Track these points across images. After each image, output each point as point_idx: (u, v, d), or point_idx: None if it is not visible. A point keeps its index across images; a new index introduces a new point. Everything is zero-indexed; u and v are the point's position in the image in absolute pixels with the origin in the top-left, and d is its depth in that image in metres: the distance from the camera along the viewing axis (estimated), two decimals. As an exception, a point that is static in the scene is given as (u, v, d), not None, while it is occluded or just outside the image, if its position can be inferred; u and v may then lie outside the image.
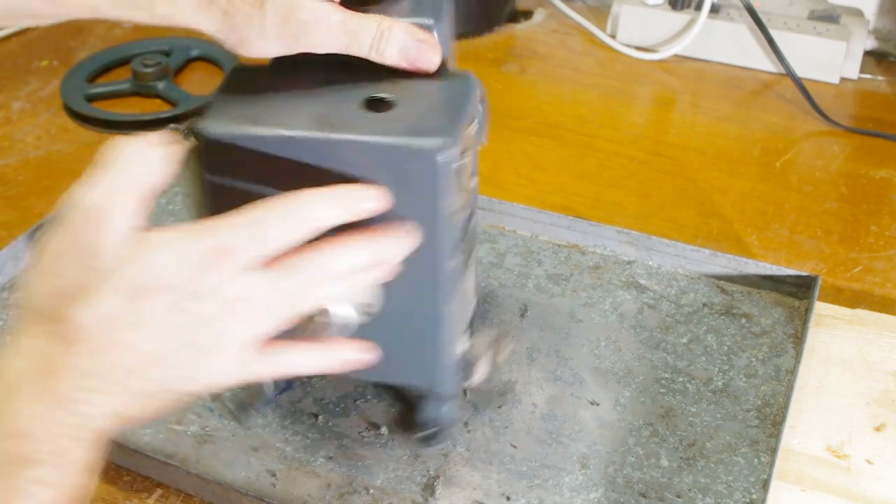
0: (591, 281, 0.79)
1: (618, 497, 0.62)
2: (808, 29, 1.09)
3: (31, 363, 0.44)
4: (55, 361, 0.44)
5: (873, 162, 0.96)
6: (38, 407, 0.43)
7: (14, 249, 0.80)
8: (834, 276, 0.81)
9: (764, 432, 0.66)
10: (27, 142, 0.99)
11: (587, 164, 0.97)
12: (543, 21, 1.24)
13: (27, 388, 0.43)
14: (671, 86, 1.11)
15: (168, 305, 0.44)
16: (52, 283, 0.45)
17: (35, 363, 0.44)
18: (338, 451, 0.65)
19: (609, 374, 0.71)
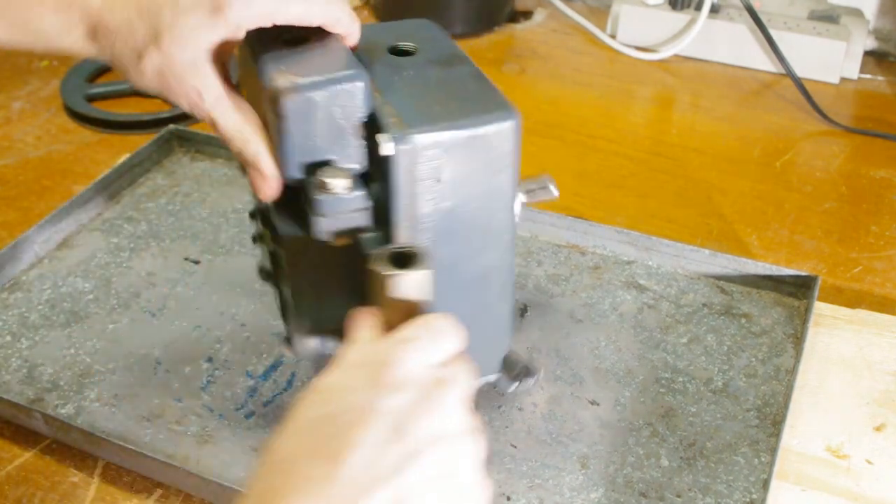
0: (591, 281, 0.79)
1: (618, 497, 0.62)
2: (808, 29, 1.09)
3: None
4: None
5: (873, 162, 0.96)
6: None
7: (14, 249, 0.80)
8: (834, 276, 0.81)
9: (764, 432, 0.66)
10: (27, 142, 0.99)
11: (587, 164, 0.97)
12: (543, 21, 1.25)
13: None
14: (671, 86, 1.11)
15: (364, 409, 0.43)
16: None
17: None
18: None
19: (609, 374, 0.71)
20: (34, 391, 0.69)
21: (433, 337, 0.46)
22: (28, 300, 0.77)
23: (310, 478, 0.41)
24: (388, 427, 0.42)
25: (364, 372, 0.45)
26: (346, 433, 0.42)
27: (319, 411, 0.44)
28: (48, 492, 0.63)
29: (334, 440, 0.42)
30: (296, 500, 0.40)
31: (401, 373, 0.44)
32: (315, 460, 0.41)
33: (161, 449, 0.65)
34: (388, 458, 0.41)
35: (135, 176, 0.91)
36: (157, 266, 0.81)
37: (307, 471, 0.41)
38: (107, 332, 0.74)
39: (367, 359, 0.45)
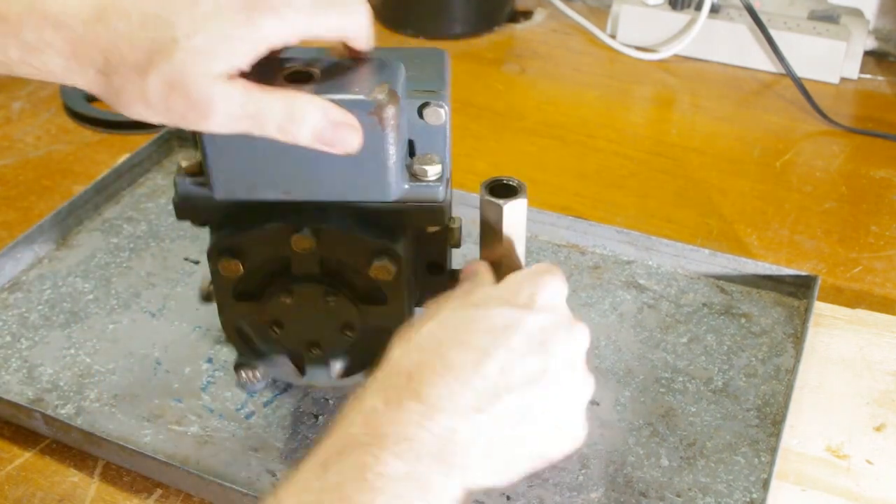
0: (591, 281, 0.79)
1: (618, 496, 0.62)
2: (808, 29, 1.09)
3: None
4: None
5: (873, 162, 0.96)
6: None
7: (14, 249, 0.80)
8: (834, 276, 0.81)
9: (764, 432, 0.66)
10: (27, 142, 0.99)
11: (587, 164, 0.97)
12: (543, 21, 1.25)
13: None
14: (671, 86, 1.11)
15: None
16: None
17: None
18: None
19: (609, 374, 0.71)
20: (34, 391, 0.69)
21: (560, 277, 0.52)
22: (28, 300, 0.77)
23: (457, 364, 0.45)
24: (532, 340, 0.47)
25: (509, 293, 0.50)
26: (496, 334, 0.47)
27: (471, 314, 0.48)
28: (48, 492, 0.63)
29: (485, 337, 0.47)
30: (442, 380, 0.45)
31: (543, 299, 0.50)
32: (466, 351, 0.46)
33: (161, 449, 0.65)
34: (527, 367, 0.47)
35: (135, 176, 0.91)
36: (157, 266, 0.81)
37: (456, 357, 0.46)
38: (107, 332, 0.74)
39: (508, 288, 0.51)
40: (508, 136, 1.01)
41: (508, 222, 0.57)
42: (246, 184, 0.54)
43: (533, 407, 0.46)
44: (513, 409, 0.46)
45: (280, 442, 0.65)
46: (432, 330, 0.48)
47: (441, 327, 0.48)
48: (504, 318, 0.48)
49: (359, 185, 0.54)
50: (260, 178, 0.54)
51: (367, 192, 0.54)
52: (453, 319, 0.48)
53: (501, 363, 0.46)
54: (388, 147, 0.52)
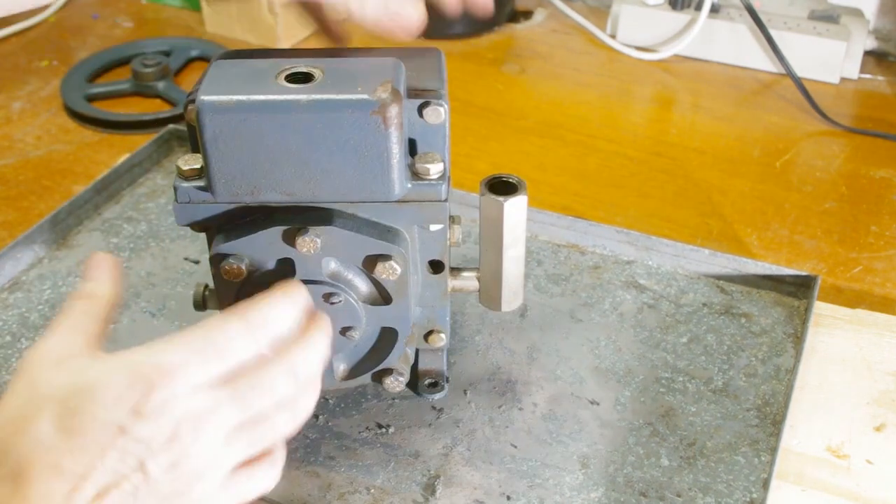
0: (591, 281, 0.79)
1: (618, 496, 0.62)
2: (808, 29, 1.09)
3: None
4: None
5: (873, 162, 0.96)
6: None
7: (14, 249, 0.80)
8: (834, 276, 0.81)
9: (764, 431, 0.66)
10: (27, 142, 0.99)
11: (587, 164, 0.97)
12: (543, 21, 1.25)
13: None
14: (671, 86, 1.11)
15: (111, 431, 0.41)
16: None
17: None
18: (338, 451, 0.65)
19: (609, 374, 0.71)
20: (34, 391, 0.69)
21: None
22: (28, 300, 0.77)
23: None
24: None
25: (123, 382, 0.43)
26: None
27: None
28: (48, 492, 0.63)
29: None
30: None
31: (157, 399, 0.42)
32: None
33: (161, 449, 0.65)
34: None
35: (135, 176, 0.91)
36: (157, 266, 0.81)
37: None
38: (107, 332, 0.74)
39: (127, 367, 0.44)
40: (508, 136, 1.01)
41: (509, 220, 0.57)
42: (248, 186, 0.54)
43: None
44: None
45: (280, 442, 0.65)
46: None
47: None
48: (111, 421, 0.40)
49: (362, 185, 0.54)
50: (262, 181, 0.53)
51: (371, 192, 0.54)
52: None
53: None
54: (392, 146, 0.52)
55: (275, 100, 0.51)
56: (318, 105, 0.51)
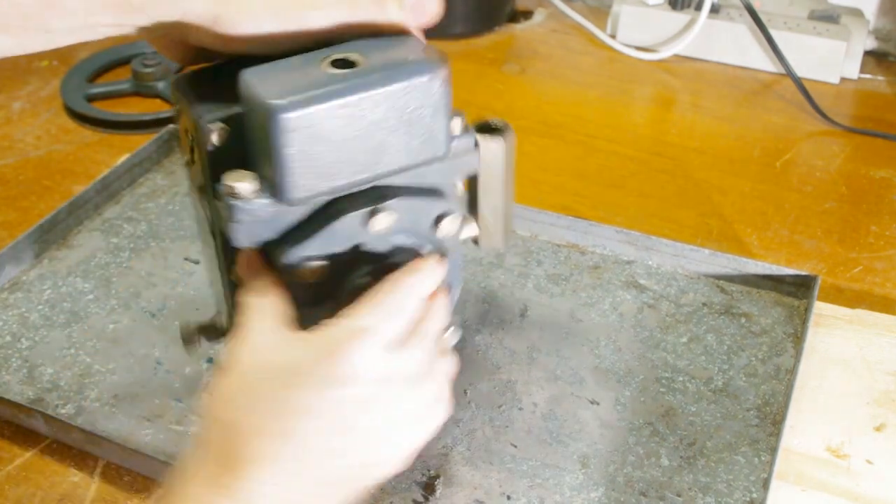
0: (591, 281, 0.79)
1: (618, 496, 0.62)
2: (808, 29, 1.09)
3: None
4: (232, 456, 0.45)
5: (873, 162, 0.96)
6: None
7: (14, 249, 0.80)
8: (834, 276, 0.81)
9: (764, 431, 0.66)
10: (27, 142, 0.99)
11: (587, 164, 0.97)
12: (543, 21, 1.25)
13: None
14: (671, 86, 1.11)
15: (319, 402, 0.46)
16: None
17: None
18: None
19: (609, 374, 0.71)
20: (34, 391, 0.69)
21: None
22: (28, 300, 0.77)
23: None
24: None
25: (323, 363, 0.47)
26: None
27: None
28: (48, 492, 0.63)
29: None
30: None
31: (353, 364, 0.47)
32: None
33: (161, 449, 0.65)
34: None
35: (135, 176, 0.91)
36: (157, 266, 0.81)
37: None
38: (107, 332, 0.74)
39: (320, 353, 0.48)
40: (508, 136, 1.01)
41: (508, 156, 0.58)
42: (322, 181, 0.52)
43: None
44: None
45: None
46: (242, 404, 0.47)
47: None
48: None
49: (420, 150, 0.54)
50: (335, 172, 0.52)
51: (426, 155, 0.54)
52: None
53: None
54: (448, 102, 0.52)
55: (344, 85, 0.50)
56: (387, 79, 0.50)
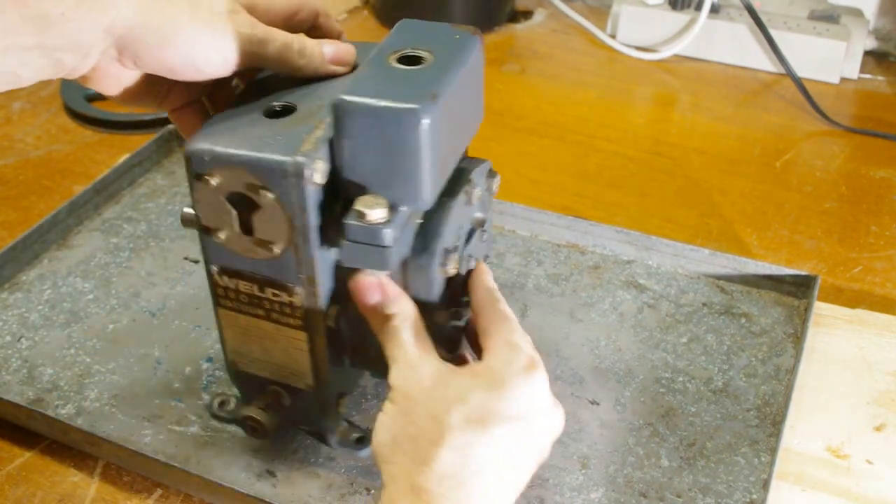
0: (591, 280, 0.79)
1: (618, 497, 0.62)
2: (808, 29, 1.09)
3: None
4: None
5: (873, 162, 0.96)
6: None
7: (14, 249, 0.80)
8: (834, 276, 0.81)
9: (764, 432, 0.66)
10: (27, 142, 0.99)
11: (587, 164, 0.97)
12: (543, 21, 1.25)
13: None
14: (671, 86, 1.11)
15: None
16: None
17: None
18: (338, 451, 0.65)
19: (609, 374, 0.71)
20: (34, 391, 0.69)
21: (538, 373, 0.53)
22: (28, 300, 0.77)
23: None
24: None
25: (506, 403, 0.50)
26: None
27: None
28: (48, 492, 0.63)
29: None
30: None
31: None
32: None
33: (161, 449, 0.65)
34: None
35: (135, 176, 0.91)
36: (157, 266, 0.81)
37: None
38: (107, 332, 0.74)
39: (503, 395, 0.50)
40: (508, 136, 1.01)
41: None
42: (442, 168, 0.52)
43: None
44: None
45: (280, 442, 0.65)
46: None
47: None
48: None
49: (475, 119, 0.58)
50: (447, 164, 0.54)
51: (477, 121, 0.59)
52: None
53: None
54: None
55: (444, 77, 0.50)
56: (460, 63, 0.52)
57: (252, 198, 0.50)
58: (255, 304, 0.55)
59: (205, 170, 0.50)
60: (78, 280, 0.79)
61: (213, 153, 0.49)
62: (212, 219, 0.52)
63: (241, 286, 0.55)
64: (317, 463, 0.64)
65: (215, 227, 0.52)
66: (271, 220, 0.51)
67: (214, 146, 0.50)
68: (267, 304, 0.55)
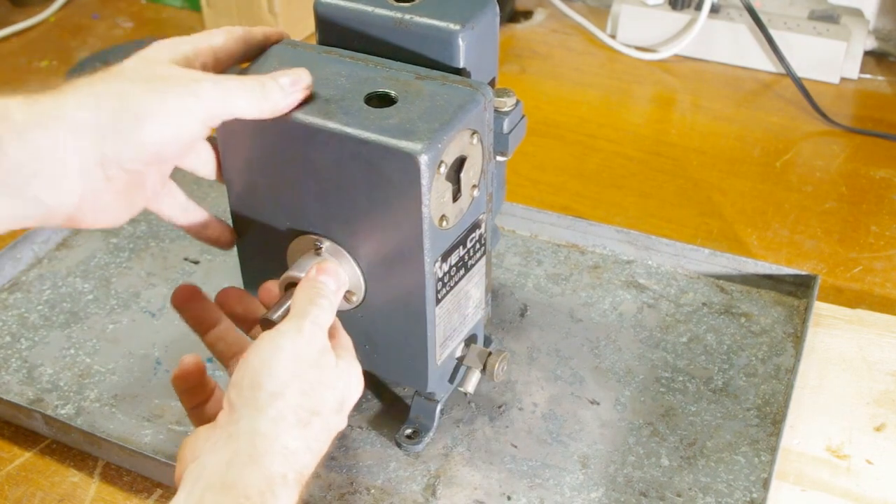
0: (591, 280, 0.79)
1: (618, 496, 0.62)
2: (808, 29, 1.09)
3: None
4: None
5: (873, 162, 0.96)
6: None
7: (14, 249, 0.80)
8: (834, 276, 0.81)
9: (764, 431, 0.66)
10: (27, 142, 0.99)
11: (587, 164, 0.97)
12: (543, 21, 1.25)
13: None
14: (671, 86, 1.11)
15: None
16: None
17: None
18: (338, 451, 0.65)
19: (609, 374, 0.71)
20: (34, 391, 0.69)
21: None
22: (28, 300, 0.77)
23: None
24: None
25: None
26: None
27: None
28: (48, 492, 0.63)
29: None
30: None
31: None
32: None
33: (161, 449, 0.65)
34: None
35: (135, 176, 0.91)
36: (157, 266, 0.81)
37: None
38: (107, 332, 0.74)
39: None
40: (508, 136, 1.01)
41: None
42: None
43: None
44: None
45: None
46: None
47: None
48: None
49: None
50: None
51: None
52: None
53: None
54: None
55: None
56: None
57: (461, 157, 0.54)
58: (460, 267, 0.58)
59: (441, 157, 0.51)
60: (78, 280, 0.79)
61: (431, 138, 0.51)
62: (438, 209, 0.53)
63: (453, 259, 0.57)
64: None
65: (441, 215, 0.54)
66: (475, 162, 0.55)
67: (422, 139, 0.51)
68: (466, 256, 0.58)
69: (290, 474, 0.46)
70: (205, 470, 0.45)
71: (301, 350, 0.48)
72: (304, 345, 0.49)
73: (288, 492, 0.46)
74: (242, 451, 0.46)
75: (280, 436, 0.47)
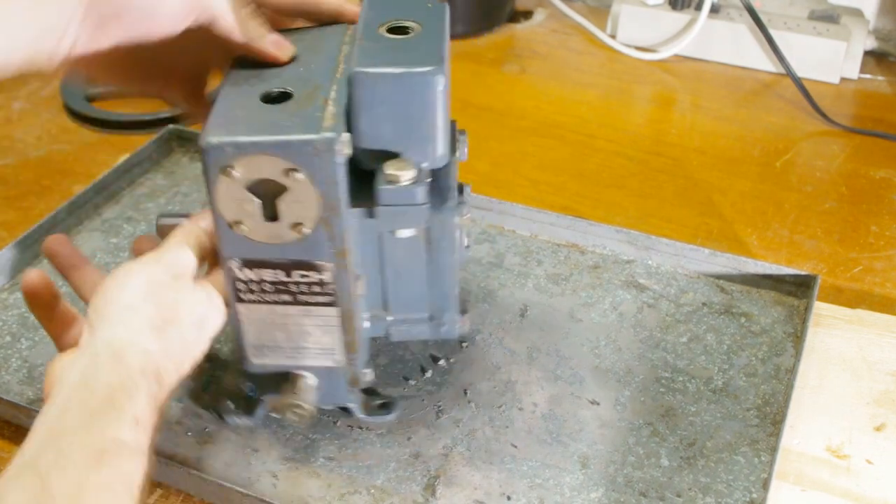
0: (591, 280, 0.79)
1: (618, 496, 0.62)
2: (808, 29, 1.09)
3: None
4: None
5: (873, 162, 0.96)
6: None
7: (14, 249, 0.80)
8: (834, 276, 0.81)
9: (764, 431, 0.66)
10: (27, 142, 0.99)
11: (587, 164, 0.97)
12: (543, 21, 1.25)
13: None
14: (671, 86, 1.11)
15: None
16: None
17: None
18: (338, 451, 0.65)
19: (609, 374, 0.71)
20: (34, 391, 0.69)
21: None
22: (28, 300, 0.77)
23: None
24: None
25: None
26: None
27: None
28: (48, 492, 0.63)
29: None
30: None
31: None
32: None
33: (161, 449, 0.65)
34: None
35: (134, 176, 0.91)
36: (157, 266, 0.81)
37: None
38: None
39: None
40: (508, 135, 1.01)
41: None
42: (448, 126, 0.56)
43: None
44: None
45: (280, 442, 0.65)
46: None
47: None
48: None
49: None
50: (449, 113, 0.56)
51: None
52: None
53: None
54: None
55: (440, 46, 0.53)
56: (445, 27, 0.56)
57: (278, 183, 0.50)
58: (281, 290, 0.56)
59: (228, 162, 0.50)
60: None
61: (237, 143, 0.49)
62: (232, 212, 0.52)
63: (266, 275, 0.55)
64: (317, 463, 0.64)
65: (236, 220, 0.52)
66: (301, 201, 0.51)
67: (236, 136, 0.49)
68: (294, 287, 0.55)
69: (148, 368, 0.50)
70: (68, 378, 0.49)
71: (155, 273, 0.53)
72: (159, 271, 0.53)
73: (148, 385, 0.49)
74: (101, 354, 0.49)
75: (136, 339, 0.50)
